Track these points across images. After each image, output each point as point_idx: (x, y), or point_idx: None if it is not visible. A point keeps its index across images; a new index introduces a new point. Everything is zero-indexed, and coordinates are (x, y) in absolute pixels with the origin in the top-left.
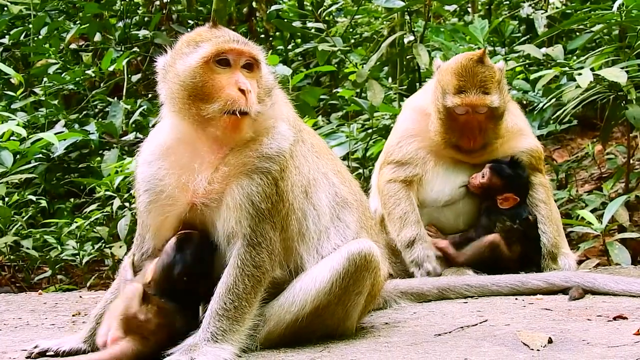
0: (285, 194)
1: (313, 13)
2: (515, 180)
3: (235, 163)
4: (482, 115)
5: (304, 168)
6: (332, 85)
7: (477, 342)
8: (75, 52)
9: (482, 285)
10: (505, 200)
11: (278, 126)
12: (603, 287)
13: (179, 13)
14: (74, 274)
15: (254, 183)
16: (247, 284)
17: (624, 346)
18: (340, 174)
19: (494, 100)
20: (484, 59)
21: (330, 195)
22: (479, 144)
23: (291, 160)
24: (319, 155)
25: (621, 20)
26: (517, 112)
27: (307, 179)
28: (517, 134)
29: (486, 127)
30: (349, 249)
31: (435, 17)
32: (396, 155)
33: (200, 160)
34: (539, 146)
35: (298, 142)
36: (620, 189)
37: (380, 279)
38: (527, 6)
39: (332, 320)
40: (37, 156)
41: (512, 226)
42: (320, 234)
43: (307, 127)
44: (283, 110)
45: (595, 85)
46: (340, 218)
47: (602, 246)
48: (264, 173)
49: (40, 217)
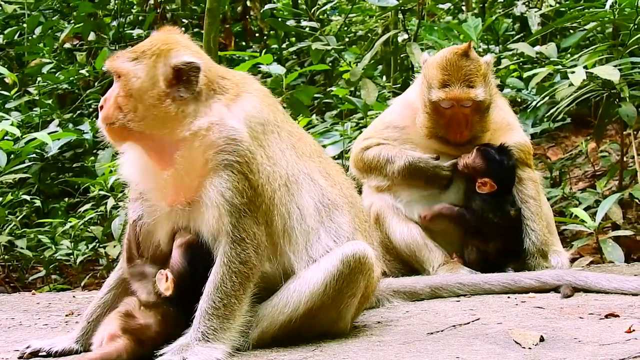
0: (260, 187)
1: (307, 12)
2: (497, 165)
3: (188, 159)
4: (467, 109)
5: (280, 161)
6: (326, 84)
7: (469, 341)
8: (69, 51)
9: (474, 284)
10: (483, 184)
11: (224, 120)
12: (595, 285)
13: (173, 12)
14: (69, 274)
15: (223, 180)
16: (235, 280)
17: (616, 344)
18: (330, 177)
19: (479, 93)
20: (469, 52)
21: (316, 197)
22: (465, 137)
23: (260, 150)
24: (300, 156)
25: (614, 18)
26: (505, 107)
27: (286, 174)
28: (505, 129)
29: (472, 120)
30: (343, 251)
31: (429, 15)
32: (374, 139)
33: (153, 164)
34: (528, 141)
35: (269, 134)
36: (614, 186)
37: (374, 281)
38: (521, 4)
39: (326, 321)
40: (31, 156)
41: (493, 220)
42: (307, 235)
43: (289, 126)
44: (242, 104)
45: (589, 83)
46: (332, 219)
47: (595, 244)
48: (228, 167)
49: (34, 216)
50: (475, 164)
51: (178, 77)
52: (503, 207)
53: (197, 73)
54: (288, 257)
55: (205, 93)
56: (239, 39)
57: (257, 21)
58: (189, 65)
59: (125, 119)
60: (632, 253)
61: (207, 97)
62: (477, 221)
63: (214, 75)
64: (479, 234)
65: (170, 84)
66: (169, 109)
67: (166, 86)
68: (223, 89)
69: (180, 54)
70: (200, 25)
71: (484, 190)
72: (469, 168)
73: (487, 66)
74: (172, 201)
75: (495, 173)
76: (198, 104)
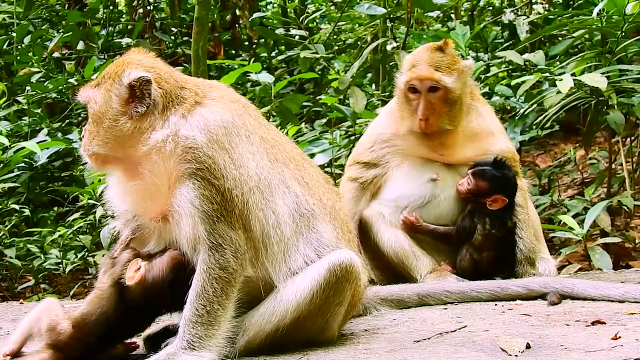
0: (228, 192)
1: (296, 20)
2: (502, 180)
3: (154, 173)
4: (434, 97)
5: (248, 163)
6: (315, 92)
7: (455, 349)
8: (58, 60)
9: (461, 292)
10: (494, 202)
11: (179, 131)
12: (582, 293)
13: (162, 21)
14: (58, 283)
15: (190, 188)
16: (216, 286)
17: (602, 351)
18: (307, 186)
19: (445, 78)
20: (444, 48)
21: (291, 204)
22: (431, 126)
23: (223, 153)
24: (273, 161)
25: (602, 26)
26: (489, 115)
27: (257, 177)
28: (487, 136)
29: (440, 110)
30: (330, 259)
31: (418, 23)
32: (364, 157)
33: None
34: (512, 147)
35: (233, 136)
36: (602, 193)
37: (361, 289)
38: (510, 12)
39: (313, 330)
40: (20, 165)
41: (491, 231)
42: (285, 244)
43: (263, 132)
44: (201, 111)
45: (577, 90)
46: (312, 229)
47: (583, 251)
48: (192, 176)
49: (23, 226)
50: (478, 187)
51: (133, 95)
52: (504, 219)
53: (148, 86)
54: (266, 266)
55: (163, 105)
56: (228, 48)
57: (246, 29)
58: (140, 80)
59: (96, 145)
60: (620, 260)
61: (164, 108)
62: (462, 240)
63: (171, 86)
64: (473, 245)
65: (126, 103)
66: (124, 128)
67: (121, 106)
68: (182, 99)
69: (132, 71)
70: (189, 34)
71: (496, 207)
72: (473, 193)
73: (465, 66)
74: (151, 216)
75: (502, 188)
76: (154, 118)
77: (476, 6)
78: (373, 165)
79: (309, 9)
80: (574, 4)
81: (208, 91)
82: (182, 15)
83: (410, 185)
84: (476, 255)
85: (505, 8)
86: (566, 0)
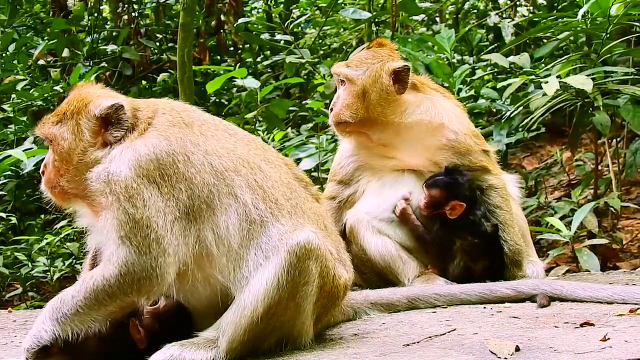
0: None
1: (281, 25)
2: (454, 186)
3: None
4: (344, 90)
5: (180, 194)
6: (301, 97)
7: (445, 352)
8: (43, 67)
9: (451, 294)
10: (452, 209)
11: (109, 167)
12: (571, 294)
13: (147, 27)
14: (45, 291)
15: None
16: (92, 288)
17: (591, 352)
18: (262, 189)
19: (349, 72)
20: (372, 45)
21: (241, 214)
22: (335, 116)
23: (150, 186)
24: (220, 173)
25: (586, 28)
26: (444, 105)
27: (191, 202)
28: (438, 128)
29: (346, 101)
30: (287, 241)
31: (403, 27)
32: (338, 175)
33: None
34: (465, 128)
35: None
36: (589, 195)
37: (331, 270)
38: (494, 15)
39: (287, 316)
40: (7, 173)
41: (474, 241)
42: (236, 255)
43: (210, 145)
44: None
45: (562, 92)
46: (264, 232)
47: (571, 253)
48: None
49: (10, 234)
50: (433, 197)
51: (107, 123)
52: (476, 224)
53: (122, 111)
54: (218, 278)
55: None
56: (214, 53)
57: (231, 35)
58: (113, 107)
59: (64, 182)
60: (608, 261)
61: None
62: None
63: (131, 112)
64: (468, 254)
65: (98, 134)
66: (89, 159)
67: (92, 137)
68: (136, 125)
69: (102, 101)
70: (175, 40)
71: (455, 215)
72: (430, 205)
73: (386, 65)
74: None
75: (456, 194)
76: (99, 152)
77: (461, 9)
78: (346, 184)
79: (294, 13)
80: (558, 6)
81: (152, 116)
82: (167, 21)
83: (382, 206)
84: (471, 264)
85: (490, 11)
86: (550, 3)
